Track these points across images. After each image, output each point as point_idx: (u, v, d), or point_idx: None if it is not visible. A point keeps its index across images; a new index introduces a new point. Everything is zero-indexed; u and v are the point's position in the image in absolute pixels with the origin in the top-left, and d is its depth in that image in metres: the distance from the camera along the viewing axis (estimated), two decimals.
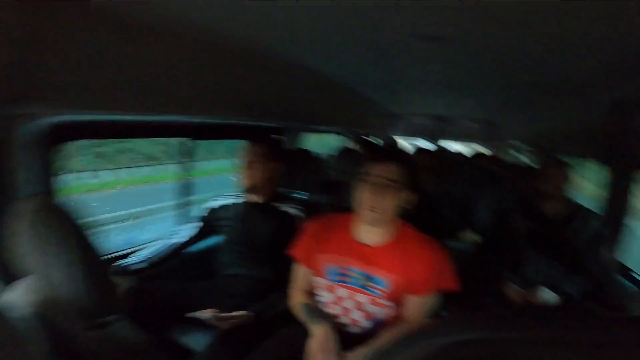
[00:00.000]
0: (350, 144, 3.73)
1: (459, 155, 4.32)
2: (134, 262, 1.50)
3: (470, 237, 2.55)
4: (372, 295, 1.21)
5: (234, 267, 1.62)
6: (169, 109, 1.45)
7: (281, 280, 1.50)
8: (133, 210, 7.66)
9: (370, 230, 1.23)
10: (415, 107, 4.70)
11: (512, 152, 4.99)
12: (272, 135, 1.72)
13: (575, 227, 1.86)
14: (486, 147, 5.67)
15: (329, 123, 3.41)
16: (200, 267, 1.80)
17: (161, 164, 10.28)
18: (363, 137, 3.94)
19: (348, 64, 1.87)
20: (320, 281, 1.28)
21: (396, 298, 1.21)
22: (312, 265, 1.30)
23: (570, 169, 1.85)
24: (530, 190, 2.08)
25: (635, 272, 1.90)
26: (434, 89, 2.71)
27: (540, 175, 1.91)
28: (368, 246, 1.23)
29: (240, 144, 1.69)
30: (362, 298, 1.22)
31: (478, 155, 5.08)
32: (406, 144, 5.78)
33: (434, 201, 2.26)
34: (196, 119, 1.78)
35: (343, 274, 1.24)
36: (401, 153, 1.28)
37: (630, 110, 1.72)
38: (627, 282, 1.92)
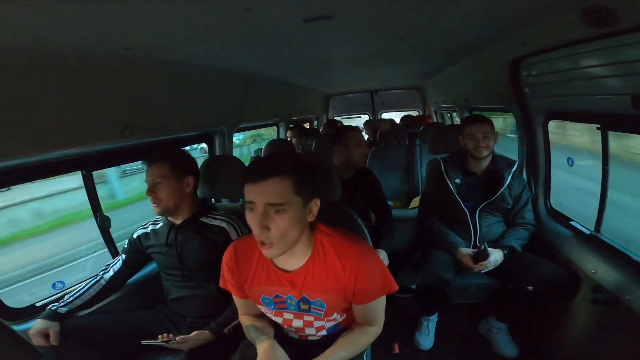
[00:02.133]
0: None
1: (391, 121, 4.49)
2: (65, 303, 1.43)
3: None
4: (316, 315, 1.17)
5: (177, 290, 1.57)
6: (59, 144, 1.28)
7: (230, 293, 1.50)
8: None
9: (283, 257, 1.10)
10: (349, 85, 4.78)
11: (438, 113, 5.29)
12: (174, 149, 1.58)
13: (502, 178, 1.98)
14: (417, 112, 5.99)
15: (262, 118, 3.37)
16: (144, 295, 1.76)
17: None
18: (294, 124, 3.94)
19: (258, 57, 1.84)
20: (262, 309, 1.24)
21: (338, 310, 1.18)
22: (245, 295, 1.24)
23: (487, 123, 1.97)
24: (456, 147, 2.21)
25: (574, 220, 1.96)
26: (362, 66, 2.76)
27: (462, 132, 2.02)
28: (288, 272, 1.13)
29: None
30: (308, 317, 1.19)
31: (406, 117, 5.40)
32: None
33: (376, 181, 2.33)
34: (95, 148, 1.59)
35: (280, 302, 1.17)
36: (282, 160, 1.02)
37: (523, 65, 1.92)
38: (563, 229, 1.97)
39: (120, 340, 1.44)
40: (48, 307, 1.40)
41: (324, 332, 1.24)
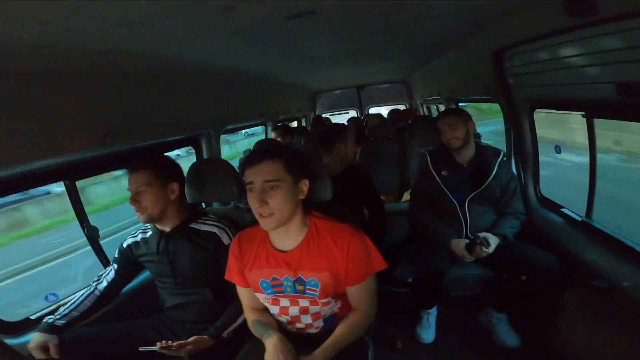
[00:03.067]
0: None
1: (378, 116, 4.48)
2: (61, 315, 1.40)
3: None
4: (310, 297, 1.22)
5: (173, 298, 1.55)
6: (38, 154, 1.23)
7: (227, 296, 1.49)
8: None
9: (280, 236, 1.22)
10: (335, 82, 4.77)
11: (425, 106, 5.32)
12: (157, 155, 1.51)
13: (488, 168, 1.99)
14: (404, 105, 6.02)
15: (249, 118, 3.33)
16: (140, 304, 1.73)
17: None
18: (280, 124, 3.92)
19: (242, 56, 1.81)
20: (261, 297, 1.28)
21: (333, 292, 1.22)
22: (248, 283, 1.29)
23: (452, 114, 1.99)
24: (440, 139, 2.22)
25: (565, 207, 1.98)
26: (348, 61, 2.75)
27: (441, 124, 2.02)
28: (285, 252, 1.22)
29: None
30: (303, 302, 1.23)
31: (393, 112, 5.42)
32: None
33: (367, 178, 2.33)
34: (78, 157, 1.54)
35: (277, 285, 1.23)
36: (273, 148, 1.29)
37: (507, 56, 1.93)
38: (555, 217, 1.99)
39: (119, 351, 1.41)
40: (44, 320, 1.37)
41: (320, 323, 1.27)
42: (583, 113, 1.59)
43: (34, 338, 1.30)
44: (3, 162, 1.13)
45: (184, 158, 5.09)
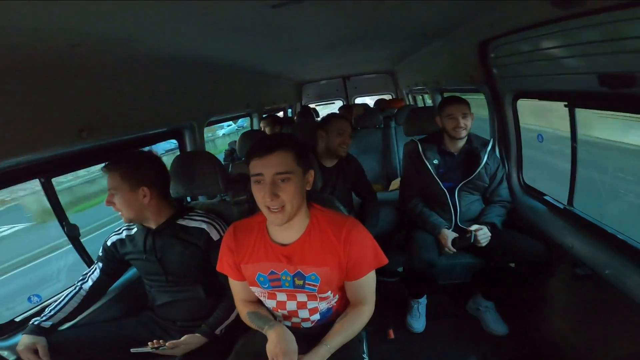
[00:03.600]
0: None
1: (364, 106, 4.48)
2: (48, 317, 1.37)
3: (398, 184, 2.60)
4: (309, 292, 1.19)
5: (163, 296, 1.52)
6: (11, 151, 1.16)
7: (219, 292, 1.47)
8: None
9: (281, 229, 1.17)
10: (321, 72, 4.72)
11: (410, 96, 5.33)
12: (129, 157, 1.42)
13: (478, 157, 2.02)
14: (390, 95, 6.04)
15: (233, 109, 3.27)
16: (128, 302, 1.70)
17: None
18: (267, 114, 3.87)
19: (225, 46, 1.75)
20: (257, 290, 1.25)
21: (332, 287, 1.20)
22: (243, 277, 1.25)
23: (465, 104, 1.99)
24: (431, 128, 2.23)
25: (547, 195, 2.00)
26: (334, 52, 2.72)
27: (441, 113, 2.03)
28: (285, 246, 1.18)
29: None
30: (302, 297, 1.21)
31: (379, 101, 5.44)
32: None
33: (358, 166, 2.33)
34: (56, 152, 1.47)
35: (275, 280, 1.20)
36: (282, 137, 1.15)
37: (491, 47, 1.94)
38: (538, 204, 2.01)
39: (110, 351, 1.39)
40: (30, 322, 1.33)
41: (317, 317, 1.25)
42: (565, 103, 1.61)
43: (22, 340, 1.27)
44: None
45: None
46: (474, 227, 1.87)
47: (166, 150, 6.08)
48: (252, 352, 1.20)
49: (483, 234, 1.85)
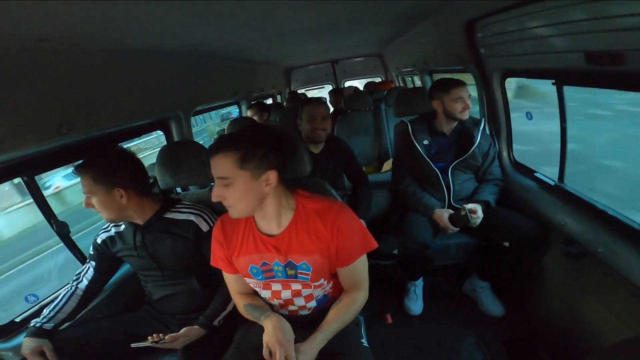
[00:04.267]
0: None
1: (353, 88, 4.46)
2: (48, 318, 1.36)
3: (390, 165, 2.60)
4: (303, 281, 1.19)
5: (159, 290, 1.51)
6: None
7: (214, 282, 1.47)
8: None
9: (265, 221, 1.17)
10: (308, 57, 4.65)
11: (400, 77, 5.29)
12: (100, 157, 1.34)
13: (471, 136, 2.02)
14: (380, 78, 6.01)
15: (220, 98, 3.21)
16: (125, 297, 1.70)
17: None
18: (255, 102, 3.83)
19: (207, 35, 1.70)
20: (251, 282, 1.24)
21: (325, 274, 1.20)
22: (236, 269, 1.25)
23: (466, 86, 1.97)
24: (420, 109, 2.22)
25: (537, 172, 2.00)
26: (321, 36, 2.67)
27: (445, 94, 1.99)
28: (273, 236, 1.17)
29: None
30: (296, 286, 1.20)
31: (369, 84, 5.41)
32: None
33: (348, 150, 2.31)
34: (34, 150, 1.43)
35: (267, 271, 1.19)
36: (228, 139, 1.07)
37: (478, 27, 1.93)
38: (529, 181, 2.01)
39: (112, 347, 1.39)
40: (31, 324, 1.33)
41: (313, 304, 1.25)
42: (553, 81, 1.60)
43: (26, 344, 1.27)
44: None
45: None
46: (469, 205, 1.87)
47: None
48: (251, 342, 1.20)
49: (477, 217, 1.85)
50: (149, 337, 1.29)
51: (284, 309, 1.28)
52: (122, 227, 1.50)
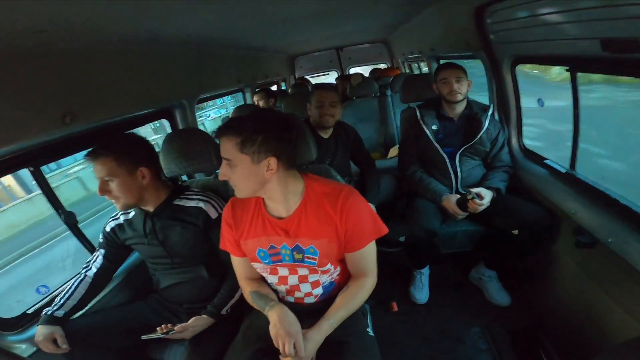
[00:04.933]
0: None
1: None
2: (59, 305, 1.38)
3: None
4: (310, 266, 1.19)
5: (168, 278, 1.52)
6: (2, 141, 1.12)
7: (222, 271, 1.48)
8: None
9: (274, 203, 1.17)
10: (313, 44, 4.58)
11: (406, 64, 5.21)
12: (118, 139, 1.35)
13: (479, 122, 1.99)
14: (385, 65, 5.93)
15: (224, 85, 3.18)
16: (134, 286, 1.72)
17: None
18: (260, 88, 3.80)
19: (209, 22, 1.66)
20: (258, 266, 1.25)
21: (332, 259, 1.19)
22: (243, 253, 1.25)
23: (460, 69, 1.95)
24: (427, 95, 2.19)
25: (548, 159, 1.96)
26: (325, 22, 2.63)
27: (436, 78, 2.00)
28: (281, 219, 1.17)
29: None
30: (303, 271, 1.20)
31: (375, 70, 5.35)
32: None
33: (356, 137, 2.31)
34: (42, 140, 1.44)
35: (275, 254, 1.19)
36: (234, 122, 1.10)
37: (488, 12, 1.88)
38: (539, 169, 1.97)
39: (122, 336, 1.41)
40: (43, 313, 1.34)
41: (319, 290, 1.25)
42: (567, 68, 1.56)
43: (39, 332, 1.29)
44: None
45: None
46: (476, 189, 1.84)
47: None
48: (258, 330, 1.21)
49: (482, 203, 1.82)
50: (159, 329, 1.31)
51: (290, 296, 1.28)
52: (132, 214, 1.50)
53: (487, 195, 1.84)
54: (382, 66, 5.85)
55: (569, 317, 1.65)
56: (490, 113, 2.01)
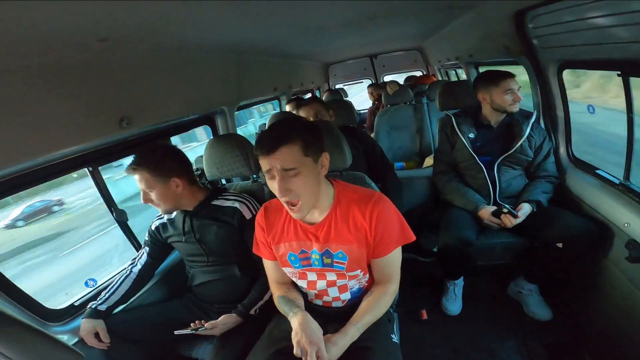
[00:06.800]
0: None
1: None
2: (103, 300, 1.48)
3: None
4: (338, 271, 1.21)
5: (202, 275, 1.60)
6: (59, 143, 1.23)
7: (253, 272, 1.54)
8: None
9: None
10: (347, 52, 4.63)
11: (442, 71, 5.12)
12: (152, 152, 1.46)
13: (520, 129, 1.92)
14: (421, 72, 5.85)
15: (262, 93, 3.28)
16: (172, 285, 1.81)
17: None
18: (293, 97, 3.87)
19: (249, 31, 1.74)
20: (289, 270, 1.28)
21: (361, 265, 1.20)
22: (275, 257, 1.29)
23: (515, 77, 1.90)
24: (465, 102, 2.15)
25: (600, 169, 1.86)
26: (359, 30, 2.65)
27: (494, 86, 1.93)
28: (313, 224, 1.19)
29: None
30: (331, 276, 1.22)
31: (410, 78, 5.28)
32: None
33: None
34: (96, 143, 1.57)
35: (305, 259, 1.22)
36: (285, 130, 1.06)
37: (529, 17, 1.83)
38: (589, 179, 1.87)
39: (156, 332, 1.50)
40: (88, 306, 1.45)
41: (347, 296, 1.26)
42: (618, 72, 1.48)
43: (83, 325, 1.39)
44: (28, 154, 1.15)
45: None
46: (516, 211, 1.77)
47: None
48: (284, 331, 1.23)
49: (513, 221, 1.76)
50: (191, 324, 1.39)
51: (319, 300, 1.30)
52: (174, 214, 1.61)
53: (524, 207, 1.77)
54: (417, 74, 5.79)
55: (615, 334, 1.55)
56: (533, 120, 1.93)
